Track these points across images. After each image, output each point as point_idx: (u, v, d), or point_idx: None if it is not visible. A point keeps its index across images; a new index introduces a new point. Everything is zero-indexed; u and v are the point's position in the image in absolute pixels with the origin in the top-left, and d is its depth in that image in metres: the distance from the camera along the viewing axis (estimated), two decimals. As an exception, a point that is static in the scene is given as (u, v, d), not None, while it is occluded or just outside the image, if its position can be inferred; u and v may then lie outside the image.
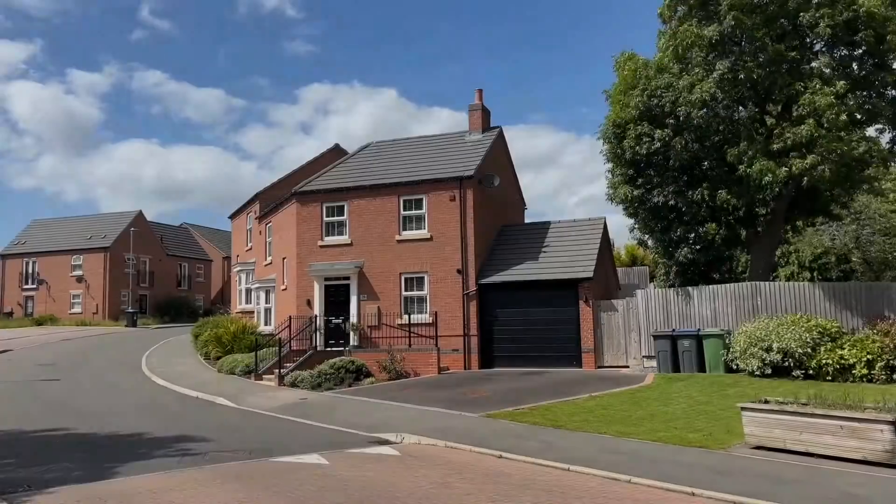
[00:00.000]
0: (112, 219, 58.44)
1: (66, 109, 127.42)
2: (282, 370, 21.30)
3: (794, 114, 17.37)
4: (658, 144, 18.60)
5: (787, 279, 24.79)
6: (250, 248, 32.01)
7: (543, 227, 25.38)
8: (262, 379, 22.08)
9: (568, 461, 10.03)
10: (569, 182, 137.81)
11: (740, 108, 18.56)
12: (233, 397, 18.53)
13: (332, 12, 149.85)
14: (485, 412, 14.58)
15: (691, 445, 10.87)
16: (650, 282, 39.69)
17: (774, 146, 17.04)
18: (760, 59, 17.09)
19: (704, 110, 17.94)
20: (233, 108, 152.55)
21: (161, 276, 59.67)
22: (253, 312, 30.45)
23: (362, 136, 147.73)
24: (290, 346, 22.75)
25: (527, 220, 29.65)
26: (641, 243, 22.04)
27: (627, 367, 21.21)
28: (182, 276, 63.31)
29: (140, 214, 58.42)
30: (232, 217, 36.01)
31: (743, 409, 10.59)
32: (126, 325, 48.47)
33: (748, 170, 17.15)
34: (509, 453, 10.73)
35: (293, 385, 20.42)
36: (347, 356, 21.81)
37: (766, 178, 16.80)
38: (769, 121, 18.84)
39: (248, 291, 31.40)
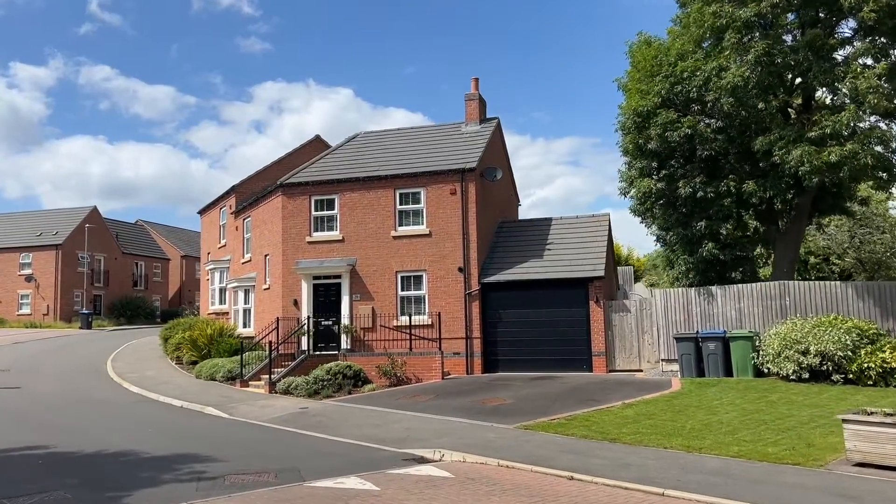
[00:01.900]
0: (64, 215, 55.27)
1: (8, 103, 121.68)
2: (272, 376, 19.59)
3: (828, 101, 16.46)
4: (688, 132, 17.47)
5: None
6: (224, 245, 30.02)
7: (545, 223, 24.14)
8: (248, 385, 20.32)
9: (656, 483, 8.75)
10: (522, 185, 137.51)
11: (769, 94, 17.55)
12: (223, 407, 16.80)
13: (288, 10, 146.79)
14: (518, 423, 13.24)
15: (780, 462, 9.68)
16: (635, 282, 38.96)
17: (811, 133, 16.08)
18: (797, 43, 16.11)
19: (732, 98, 16.87)
20: (184, 105, 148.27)
21: (116, 276, 56.72)
22: (227, 314, 28.49)
23: (318, 134, 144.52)
24: (278, 350, 20.98)
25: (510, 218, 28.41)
26: (660, 240, 20.92)
27: (641, 370, 20.10)
28: (139, 275, 60.37)
29: (94, 210, 55.36)
30: (202, 212, 33.87)
31: (845, 421, 9.42)
32: (80, 328, 45.68)
33: (784, 157, 16.15)
34: (581, 474, 9.39)
35: (286, 392, 18.75)
36: (343, 360, 20.22)
37: (804, 167, 15.83)
38: (795, 108, 17.98)
39: (222, 291, 29.41)
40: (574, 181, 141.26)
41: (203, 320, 27.18)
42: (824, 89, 17.41)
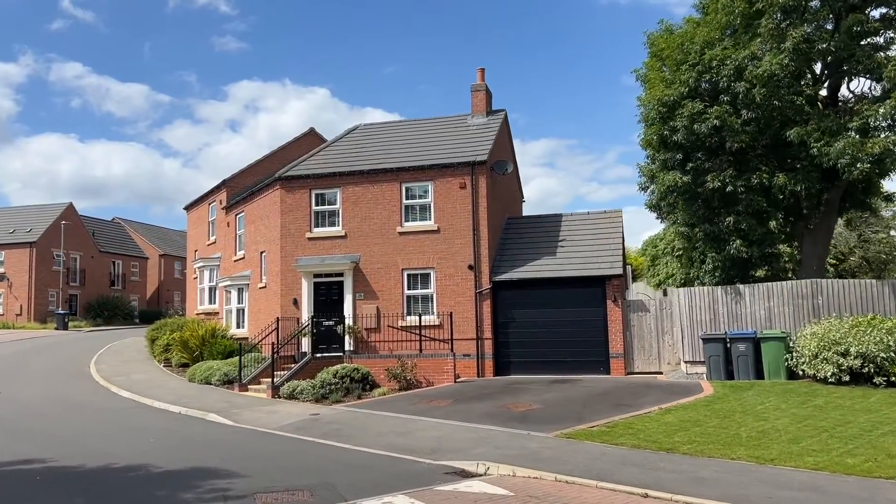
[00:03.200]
0: (38, 211, 53.30)
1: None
2: (275, 379, 18.42)
3: (865, 90, 15.74)
4: (716, 123, 16.62)
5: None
6: (213, 242, 28.70)
7: (555, 219, 23.22)
8: (247, 390, 19.13)
9: (748, 501, 7.82)
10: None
11: (799, 84, 16.80)
12: (226, 413, 15.62)
13: (265, 9, 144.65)
14: (556, 431, 12.27)
15: (870, 475, 8.81)
16: (633, 281, 38.19)
17: (853, 124, 15.33)
18: (839, 28, 15.36)
19: (765, 88, 16.07)
20: (158, 103, 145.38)
21: (93, 275, 54.86)
22: (217, 314, 27.20)
23: (293, 134, 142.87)
24: (279, 353, 19.78)
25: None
26: (683, 236, 20.07)
27: (661, 373, 19.27)
28: (116, 274, 58.50)
29: (70, 207, 53.48)
30: (189, 208, 32.46)
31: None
32: (56, 328, 43.95)
33: (822, 149, 15.38)
34: (655, 490, 8.43)
35: (291, 397, 17.60)
36: (349, 363, 19.12)
37: (843, 159, 15.07)
38: (821, 100, 17.25)
39: (212, 290, 28.09)
40: (549, 182, 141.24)
41: (193, 321, 25.85)
42: (862, 78, 16.66)
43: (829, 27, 16.09)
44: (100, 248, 56.20)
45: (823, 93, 18.51)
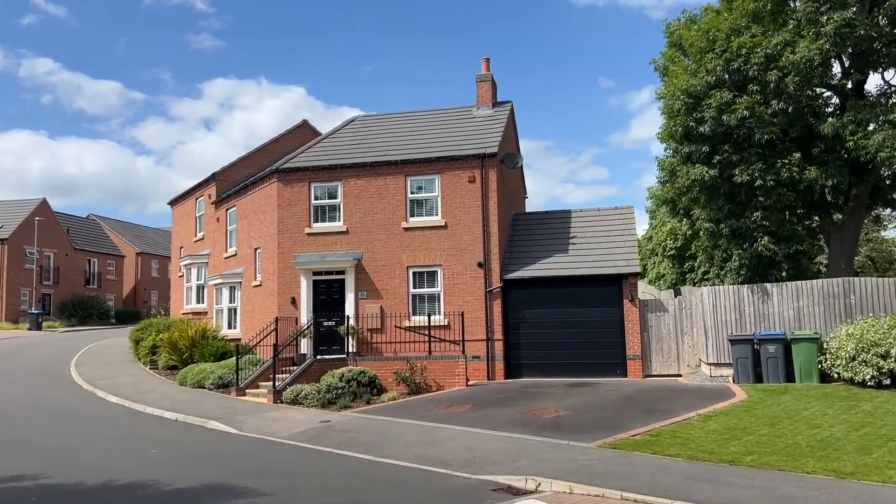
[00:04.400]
0: (11, 207, 51.21)
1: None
2: (276, 383, 17.27)
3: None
4: (746, 113, 15.79)
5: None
6: (201, 238, 27.38)
7: (564, 215, 22.33)
8: (244, 394, 17.99)
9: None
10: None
11: (829, 75, 16.08)
12: (228, 420, 14.48)
13: (242, 7, 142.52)
14: (598, 441, 11.33)
15: (973, 492, 7.98)
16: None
17: (892, 116, 14.59)
18: (875, 12, 14.64)
19: (799, 77, 15.30)
20: (131, 101, 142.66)
21: (67, 273, 52.95)
22: (206, 313, 25.90)
23: (268, 132, 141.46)
24: (279, 355, 18.60)
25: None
26: (708, 232, 19.24)
27: (680, 375, 18.47)
28: (91, 273, 56.58)
29: (44, 202, 51.51)
30: (173, 203, 31.04)
31: None
32: (29, 329, 42.26)
33: (860, 142, 14.63)
34: (743, 511, 7.51)
35: (295, 402, 16.49)
36: (355, 366, 18.02)
37: (883, 152, 14.34)
38: (846, 92, 16.54)
39: (200, 289, 26.77)
40: (527, 183, 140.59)
41: (182, 321, 24.54)
42: (893, 69, 15.96)
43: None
44: (74, 245, 54.30)
45: (849, 85, 17.83)
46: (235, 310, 23.68)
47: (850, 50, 16.29)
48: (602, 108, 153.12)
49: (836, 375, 15.45)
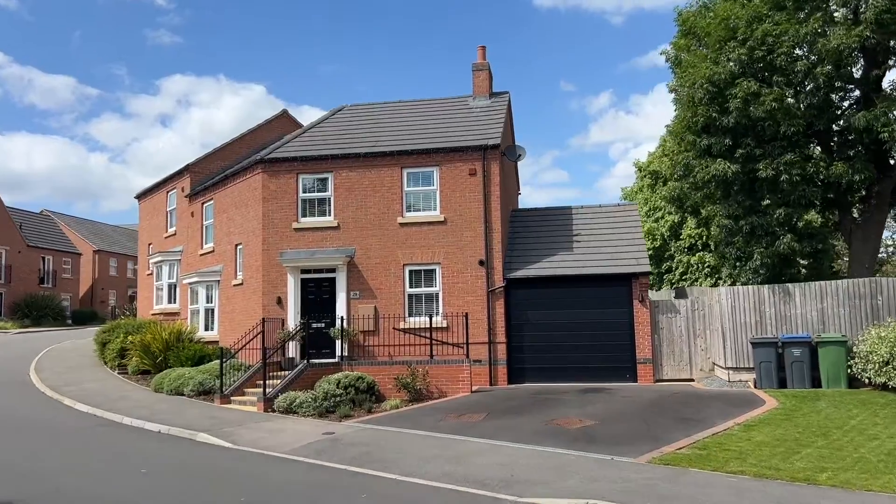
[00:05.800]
0: (-41, 201, 48.38)
1: None
2: (267, 390, 15.85)
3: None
4: (774, 105, 14.93)
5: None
6: (173, 234, 25.68)
7: (565, 212, 21.31)
8: (230, 402, 16.53)
9: None
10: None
11: (861, 65, 15.34)
12: (218, 432, 13.04)
13: (201, 3, 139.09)
14: (646, 455, 10.25)
15: None
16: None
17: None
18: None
19: (831, 66, 14.50)
20: (85, 96, 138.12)
21: (20, 271, 50.20)
22: (179, 314, 24.25)
23: (226, 130, 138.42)
24: (267, 358, 17.12)
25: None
26: (726, 229, 18.33)
27: (693, 380, 17.60)
28: (45, 271, 53.78)
29: (-5, 197, 48.78)
30: (141, 197, 29.19)
31: None
32: (-20, 330, 39.72)
33: (893, 135, 13.88)
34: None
35: (289, 411, 15.11)
36: (349, 370, 16.71)
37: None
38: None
39: (171, 288, 25.08)
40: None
41: (153, 322, 22.86)
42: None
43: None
44: (27, 242, 51.54)
45: (875, 73, 17.12)
46: (213, 310, 22.10)
47: (891, 41, 15.52)
48: (562, 111, 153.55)
49: (866, 380, 14.68)
